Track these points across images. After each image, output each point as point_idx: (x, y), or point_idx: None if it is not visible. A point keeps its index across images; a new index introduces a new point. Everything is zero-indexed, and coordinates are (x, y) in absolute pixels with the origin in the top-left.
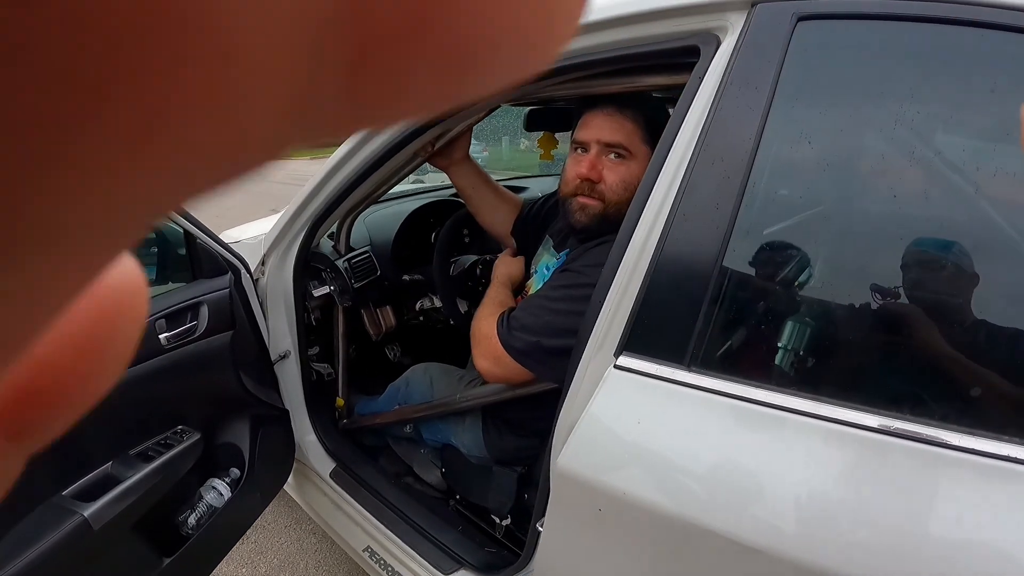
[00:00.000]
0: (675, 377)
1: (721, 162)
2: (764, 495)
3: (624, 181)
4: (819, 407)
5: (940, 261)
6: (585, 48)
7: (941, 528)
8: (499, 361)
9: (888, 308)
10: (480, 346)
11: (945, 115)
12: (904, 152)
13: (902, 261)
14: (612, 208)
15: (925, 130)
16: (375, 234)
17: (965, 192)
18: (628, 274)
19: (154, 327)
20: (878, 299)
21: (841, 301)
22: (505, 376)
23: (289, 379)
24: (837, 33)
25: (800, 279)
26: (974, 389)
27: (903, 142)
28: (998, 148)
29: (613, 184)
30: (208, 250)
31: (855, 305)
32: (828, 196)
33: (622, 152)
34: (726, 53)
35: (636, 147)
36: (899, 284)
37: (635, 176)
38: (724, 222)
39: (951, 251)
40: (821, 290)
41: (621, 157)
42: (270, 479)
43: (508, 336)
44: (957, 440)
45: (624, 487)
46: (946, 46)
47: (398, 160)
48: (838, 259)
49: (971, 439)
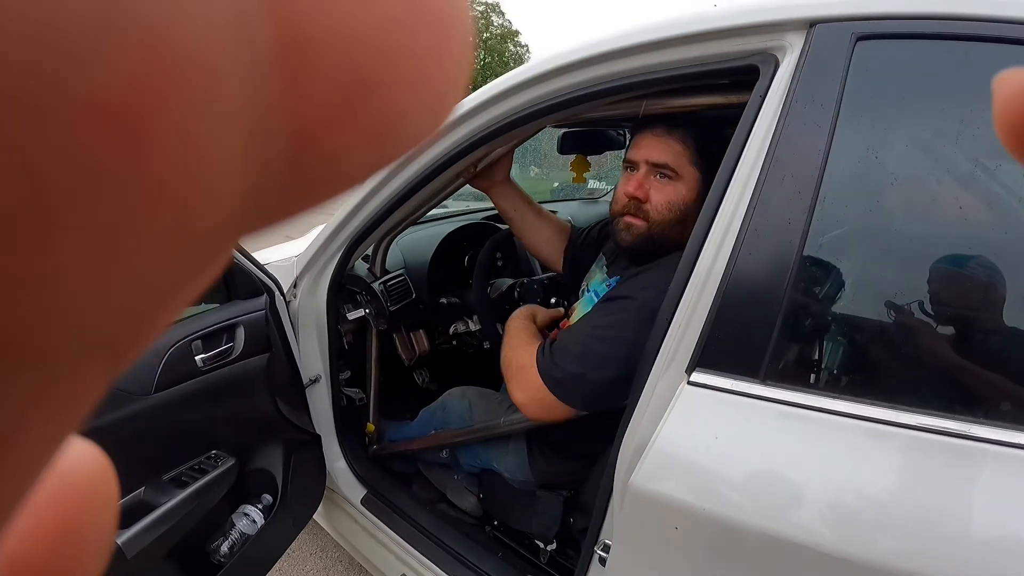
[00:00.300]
0: (751, 391)
1: (791, 178)
2: (846, 508)
3: (670, 202)
4: (899, 415)
5: (1004, 273)
6: (639, 68)
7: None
8: (538, 393)
9: (960, 317)
10: (517, 378)
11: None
12: (967, 166)
13: (971, 273)
14: (656, 228)
15: (985, 150)
16: (408, 257)
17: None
18: (698, 290)
19: (190, 348)
20: (948, 309)
21: (912, 312)
22: (540, 409)
23: (319, 404)
24: (896, 52)
25: (871, 293)
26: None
27: (964, 162)
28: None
29: (658, 204)
30: (245, 271)
31: (927, 315)
32: (895, 209)
33: (668, 173)
34: (788, 72)
35: (684, 169)
36: (966, 295)
37: (681, 197)
38: (796, 237)
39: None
40: (892, 301)
41: (668, 178)
42: (302, 505)
43: (550, 366)
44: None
45: (703, 504)
46: (1002, 65)
47: (439, 182)
48: (904, 270)
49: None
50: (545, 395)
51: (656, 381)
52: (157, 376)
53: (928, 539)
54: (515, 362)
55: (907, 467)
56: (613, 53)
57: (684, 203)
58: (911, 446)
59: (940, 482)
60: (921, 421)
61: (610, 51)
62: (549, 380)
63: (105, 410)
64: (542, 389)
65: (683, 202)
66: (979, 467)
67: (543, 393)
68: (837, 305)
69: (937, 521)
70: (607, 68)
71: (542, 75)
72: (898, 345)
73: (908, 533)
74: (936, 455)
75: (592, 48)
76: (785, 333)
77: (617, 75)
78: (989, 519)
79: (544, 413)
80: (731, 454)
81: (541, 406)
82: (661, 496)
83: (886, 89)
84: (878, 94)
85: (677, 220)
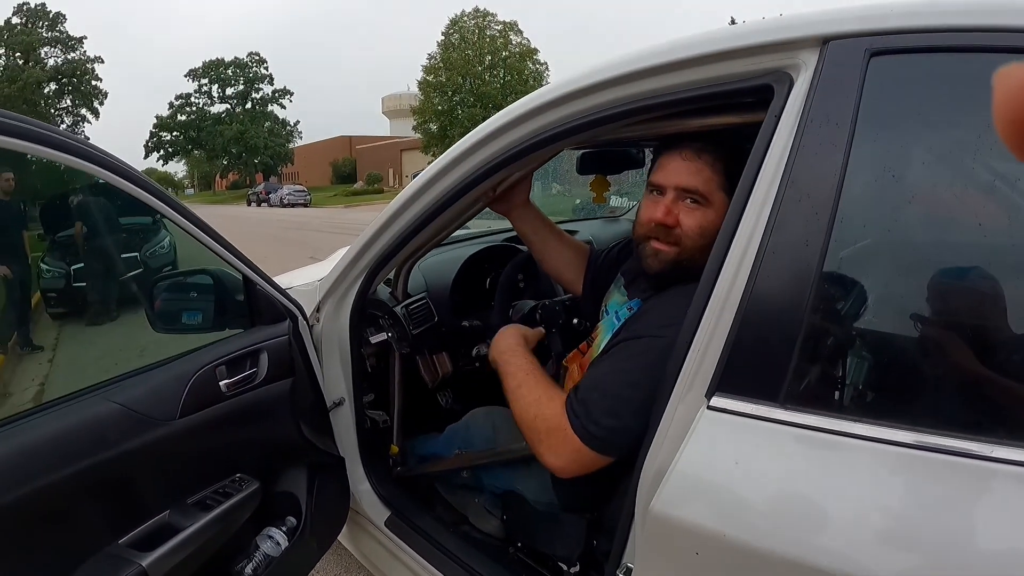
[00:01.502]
0: (771, 415)
1: (808, 198)
2: (867, 533)
3: (701, 227)
4: (921, 438)
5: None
6: (653, 90)
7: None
8: (577, 455)
9: (981, 334)
10: (547, 442)
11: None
12: (985, 183)
13: (990, 288)
14: (687, 254)
15: (1003, 161)
16: (430, 280)
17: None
18: (716, 314)
19: (214, 374)
20: (967, 326)
21: (933, 332)
22: (580, 468)
23: (343, 426)
24: (911, 67)
25: (892, 311)
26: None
27: (983, 174)
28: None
29: (690, 229)
30: (267, 296)
31: (946, 333)
32: (914, 227)
33: (698, 199)
34: (802, 90)
35: (713, 194)
36: (990, 315)
37: (711, 223)
38: (815, 258)
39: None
40: (910, 323)
41: (697, 203)
42: (326, 528)
43: (588, 424)
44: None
45: (723, 529)
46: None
47: (460, 206)
48: (922, 290)
49: None
50: (585, 455)
51: (676, 406)
52: (182, 402)
53: (952, 567)
54: (540, 425)
55: (929, 491)
56: (626, 76)
57: (714, 228)
58: (932, 468)
59: (965, 506)
60: (943, 443)
61: (623, 75)
62: (588, 439)
63: (131, 435)
64: (581, 450)
65: (713, 227)
66: (1011, 491)
67: (582, 454)
68: (856, 328)
69: (963, 547)
70: (621, 92)
71: (556, 100)
72: (917, 366)
73: (930, 559)
74: (960, 477)
75: (604, 72)
76: (804, 357)
77: (631, 98)
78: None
79: (584, 470)
80: (752, 479)
81: (580, 465)
82: (682, 521)
83: (902, 105)
84: (894, 110)
85: (708, 245)
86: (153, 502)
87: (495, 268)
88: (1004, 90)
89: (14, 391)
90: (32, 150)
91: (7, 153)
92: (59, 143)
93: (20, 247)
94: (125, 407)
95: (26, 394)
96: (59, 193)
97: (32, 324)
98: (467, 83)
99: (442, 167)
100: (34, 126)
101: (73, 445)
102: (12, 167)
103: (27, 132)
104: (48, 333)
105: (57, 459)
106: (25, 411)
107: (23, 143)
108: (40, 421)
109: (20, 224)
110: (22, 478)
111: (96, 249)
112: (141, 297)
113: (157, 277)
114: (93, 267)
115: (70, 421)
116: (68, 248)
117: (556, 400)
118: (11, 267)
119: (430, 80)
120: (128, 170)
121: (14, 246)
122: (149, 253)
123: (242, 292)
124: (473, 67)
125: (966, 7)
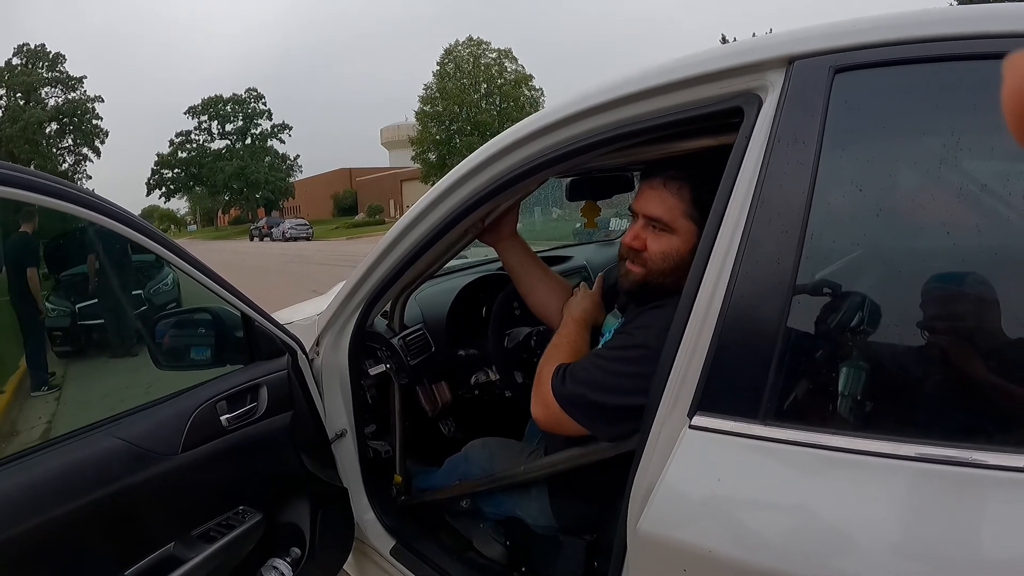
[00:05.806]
0: (751, 432)
1: (778, 218)
2: (849, 543)
3: (664, 252)
4: (899, 448)
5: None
6: (628, 118)
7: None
8: (548, 407)
9: (954, 344)
10: (536, 392)
11: (987, 146)
12: (952, 188)
13: (962, 296)
14: (653, 276)
15: (970, 165)
16: (427, 311)
17: (1016, 222)
18: (695, 334)
19: (215, 409)
20: (941, 336)
21: (906, 342)
22: (552, 422)
23: (346, 457)
24: (874, 80)
25: (864, 324)
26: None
27: (950, 179)
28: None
29: (655, 254)
30: (266, 332)
31: (921, 344)
32: (883, 240)
33: (663, 226)
34: (770, 111)
35: (677, 222)
36: (960, 319)
37: (675, 249)
38: (786, 277)
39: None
40: (886, 332)
41: (663, 230)
42: (331, 558)
43: (560, 386)
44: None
45: (709, 546)
46: (980, 81)
47: (450, 238)
48: (895, 300)
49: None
50: (554, 409)
51: (661, 425)
52: (184, 436)
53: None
54: (541, 378)
55: (911, 500)
56: (602, 105)
57: (678, 254)
58: (912, 478)
59: (946, 515)
60: (922, 452)
61: (598, 104)
62: (558, 396)
63: (135, 469)
64: (551, 405)
65: (677, 254)
66: (990, 495)
67: (551, 409)
68: (830, 343)
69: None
70: (597, 121)
71: (535, 132)
72: (893, 377)
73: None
74: (941, 485)
75: (579, 103)
76: (781, 374)
77: (608, 127)
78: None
79: (558, 427)
80: (734, 496)
81: (551, 418)
82: (668, 539)
83: (867, 119)
84: (859, 124)
85: (672, 269)
86: (158, 534)
87: (490, 297)
88: (1015, 76)
89: (22, 429)
90: (35, 200)
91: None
92: (58, 192)
93: (36, 281)
94: (129, 442)
95: (34, 432)
96: (64, 231)
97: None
98: (464, 112)
99: (431, 200)
100: (35, 177)
101: (79, 479)
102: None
103: (30, 184)
104: (55, 370)
105: (64, 493)
106: (33, 446)
107: (26, 193)
108: (47, 456)
109: (37, 259)
110: (30, 511)
111: (104, 287)
112: (144, 334)
113: (159, 315)
114: (100, 304)
115: (76, 456)
116: (73, 287)
117: (557, 363)
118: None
119: (427, 110)
120: (125, 215)
121: (31, 280)
122: (153, 290)
123: (241, 328)
124: (469, 95)
125: (926, 19)
